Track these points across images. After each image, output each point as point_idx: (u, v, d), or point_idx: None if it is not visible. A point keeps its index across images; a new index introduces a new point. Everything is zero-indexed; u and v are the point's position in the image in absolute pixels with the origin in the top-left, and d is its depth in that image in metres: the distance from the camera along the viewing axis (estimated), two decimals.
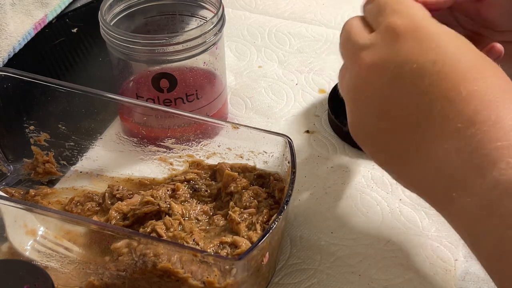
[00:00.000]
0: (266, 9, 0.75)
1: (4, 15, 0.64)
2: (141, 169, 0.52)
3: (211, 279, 0.39)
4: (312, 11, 0.75)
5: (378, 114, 0.40)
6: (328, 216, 0.50)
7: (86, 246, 0.42)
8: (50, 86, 0.50)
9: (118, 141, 0.53)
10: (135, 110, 0.53)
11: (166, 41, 0.50)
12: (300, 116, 0.60)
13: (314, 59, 0.67)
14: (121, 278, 0.41)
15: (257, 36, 0.71)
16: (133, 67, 0.53)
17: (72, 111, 0.51)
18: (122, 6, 0.54)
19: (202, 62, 0.53)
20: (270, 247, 0.41)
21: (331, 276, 0.45)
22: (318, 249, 0.47)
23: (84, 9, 0.74)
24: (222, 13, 0.53)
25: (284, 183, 0.46)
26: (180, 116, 0.49)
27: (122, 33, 0.50)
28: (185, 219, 0.46)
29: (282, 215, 0.40)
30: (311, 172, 0.54)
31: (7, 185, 0.52)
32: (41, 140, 0.52)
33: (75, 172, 0.53)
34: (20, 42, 0.66)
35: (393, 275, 0.45)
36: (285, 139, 0.46)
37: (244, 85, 0.64)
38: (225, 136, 0.49)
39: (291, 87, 0.63)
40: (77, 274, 0.42)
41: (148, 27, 0.56)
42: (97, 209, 0.49)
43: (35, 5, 0.69)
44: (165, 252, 0.39)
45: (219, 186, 0.48)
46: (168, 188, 0.48)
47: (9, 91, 0.50)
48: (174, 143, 0.51)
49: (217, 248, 0.42)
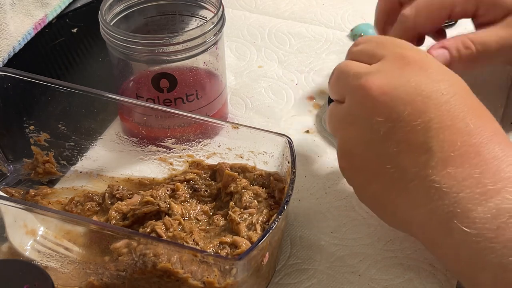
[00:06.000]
0: (266, 9, 0.75)
1: (4, 15, 0.64)
2: (141, 169, 0.52)
3: (211, 279, 0.39)
4: (312, 11, 0.75)
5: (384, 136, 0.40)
6: (328, 216, 0.50)
7: (86, 246, 0.42)
8: (50, 86, 0.50)
9: (118, 141, 0.53)
10: (135, 110, 0.53)
11: (166, 41, 0.50)
12: (300, 116, 0.60)
13: (314, 59, 0.67)
14: (121, 278, 0.41)
15: (257, 36, 0.71)
16: (133, 67, 0.53)
17: (72, 111, 0.51)
18: (122, 6, 0.54)
19: (202, 62, 0.53)
20: (270, 247, 0.41)
21: (331, 276, 0.45)
22: (318, 249, 0.47)
23: (84, 9, 0.74)
24: (222, 13, 0.52)
25: (284, 183, 0.46)
26: (180, 116, 0.49)
27: (122, 33, 0.50)
28: (185, 219, 0.46)
29: (282, 215, 0.40)
30: (311, 172, 0.54)
31: (7, 185, 0.52)
32: (41, 140, 0.52)
33: (75, 172, 0.53)
34: (20, 42, 0.66)
35: (393, 275, 0.45)
36: (285, 139, 0.46)
37: (244, 85, 0.64)
38: (225, 136, 0.49)
39: (291, 87, 0.63)
40: (77, 274, 0.42)
41: (148, 27, 0.56)
42: (97, 209, 0.49)
43: (35, 5, 0.69)
44: (165, 252, 0.39)
45: (219, 186, 0.48)
46: (168, 188, 0.48)
47: (9, 91, 0.50)
48: (174, 143, 0.51)
49: (217, 248, 0.42)
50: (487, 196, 0.36)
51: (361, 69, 0.43)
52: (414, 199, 0.39)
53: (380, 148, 0.40)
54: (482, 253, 0.36)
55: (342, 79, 0.44)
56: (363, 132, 0.41)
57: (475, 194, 0.36)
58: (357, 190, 0.44)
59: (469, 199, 0.36)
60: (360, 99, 0.41)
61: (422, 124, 0.39)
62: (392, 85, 0.40)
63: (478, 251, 0.36)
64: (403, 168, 0.39)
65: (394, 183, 0.40)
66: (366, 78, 0.41)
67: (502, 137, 0.39)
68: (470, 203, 0.36)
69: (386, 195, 0.41)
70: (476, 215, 0.36)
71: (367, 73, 0.42)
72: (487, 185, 0.36)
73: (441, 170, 0.38)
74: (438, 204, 0.37)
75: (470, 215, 0.36)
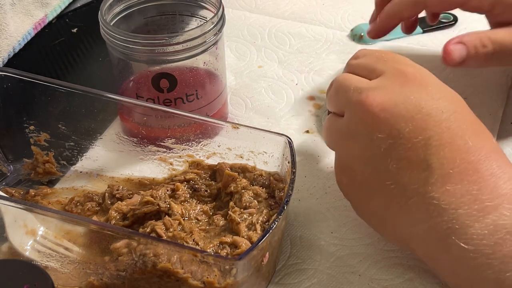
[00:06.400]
0: (266, 9, 0.75)
1: (4, 15, 0.64)
2: (141, 169, 0.52)
3: (211, 279, 0.39)
4: (312, 11, 0.75)
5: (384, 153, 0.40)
6: (328, 216, 0.50)
7: (86, 246, 0.42)
8: (50, 86, 0.50)
9: (118, 141, 0.53)
10: (135, 110, 0.53)
11: (166, 41, 0.50)
12: (300, 116, 0.60)
13: (314, 59, 0.67)
14: (121, 278, 0.41)
15: (257, 36, 0.71)
16: (133, 67, 0.53)
17: (72, 111, 0.51)
18: (122, 6, 0.54)
19: (202, 62, 0.53)
20: (270, 247, 0.41)
21: (331, 276, 0.45)
22: (318, 249, 0.47)
23: (84, 9, 0.74)
24: (222, 13, 0.53)
25: (284, 183, 0.46)
26: (180, 116, 0.49)
27: (122, 33, 0.50)
28: (185, 219, 0.46)
29: (282, 215, 0.40)
30: (311, 172, 0.54)
31: (7, 185, 0.52)
32: (41, 140, 0.52)
33: (75, 172, 0.53)
34: (20, 42, 0.66)
35: (393, 275, 0.45)
36: (285, 139, 0.46)
37: (244, 85, 0.64)
38: (225, 136, 0.49)
39: (291, 87, 0.63)
40: (77, 274, 0.42)
41: (148, 27, 0.56)
42: (97, 209, 0.49)
43: (35, 5, 0.69)
44: (165, 252, 0.39)
45: (219, 186, 0.48)
46: (168, 188, 0.48)
47: (9, 91, 0.50)
48: (174, 143, 0.51)
49: (217, 248, 0.42)
50: (485, 213, 0.37)
51: (362, 84, 0.43)
52: (413, 216, 0.39)
53: (380, 165, 0.40)
54: (480, 269, 0.36)
55: (341, 93, 0.44)
56: (364, 148, 0.41)
57: (472, 210, 0.37)
58: (356, 205, 0.45)
59: (467, 216, 0.37)
60: (361, 115, 0.41)
61: (423, 141, 0.39)
62: (393, 102, 0.40)
63: (476, 267, 0.36)
64: (403, 184, 0.39)
65: (394, 199, 0.40)
66: (367, 94, 0.41)
67: (500, 154, 0.40)
68: (468, 219, 0.37)
69: (386, 211, 0.41)
70: (473, 231, 0.37)
71: (368, 88, 0.42)
72: (485, 201, 0.37)
73: (441, 187, 0.38)
74: (437, 220, 0.38)
75: (467, 231, 0.37)
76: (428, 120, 0.39)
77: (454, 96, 0.42)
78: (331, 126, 0.46)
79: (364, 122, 0.41)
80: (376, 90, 0.41)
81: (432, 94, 0.40)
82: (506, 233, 0.36)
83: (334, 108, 0.46)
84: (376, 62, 0.44)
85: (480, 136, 0.40)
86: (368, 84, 0.42)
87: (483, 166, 0.38)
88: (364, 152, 0.41)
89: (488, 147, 0.39)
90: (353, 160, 0.42)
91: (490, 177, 0.38)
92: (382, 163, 0.40)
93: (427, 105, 0.40)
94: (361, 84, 0.43)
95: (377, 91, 0.41)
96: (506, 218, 0.36)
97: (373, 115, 0.40)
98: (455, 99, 0.41)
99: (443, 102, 0.40)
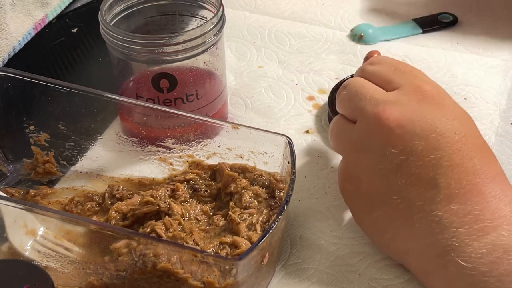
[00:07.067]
0: (266, 9, 0.75)
1: (4, 15, 0.64)
2: (141, 169, 0.52)
3: (211, 279, 0.39)
4: (312, 11, 0.75)
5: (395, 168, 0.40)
6: (328, 215, 0.50)
7: (86, 246, 0.42)
8: (50, 86, 0.50)
9: (118, 141, 0.53)
10: (135, 110, 0.53)
11: (166, 41, 0.50)
12: (300, 116, 0.60)
13: (314, 59, 0.67)
14: (121, 278, 0.41)
15: (257, 36, 0.71)
16: (133, 67, 0.53)
17: (72, 111, 0.51)
18: (122, 6, 0.54)
19: (202, 62, 0.53)
20: (270, 247, 0.41)
21: (331, 275, 0.45)
22: (318, 249, 0.47)
23: (84, 9, 0.74)
24: (222, 13, 0.53)
25: (284, 183, 0.46)
26: (180, 116, 0.49)
27: (122, 33, 0.50)
28: (185, 219, 0.46)
29: (282, 215, 0.40)
30: (311, 172, 0.54)
31: (7, 185, 0.52)
32: (41, 140, 0.52)
33: (75, 172, 0.53)
34: (20, 42, 0.66)
35: (393, 275, 0.45)
36: (285, 139, 0.46)
37: (244, 85, 0.64)
38: (225, 136, 0.49)
39: (291, 87, 0.63)
40: (77, 274, 0.42)
41: (148, 27, 0.56)
42: (97, 209, 0.49)
43: (35, 5, 0.69)
44: (165, 252, 0.39)
45: (219, 186, 0.48)
46: (168, 188, 0.48)
47: (9, 91, 0.50)
48: (174, 143, 0.51)
49: (217, 248, 0.42)
50: (484, 232, 0.37)
51: (378, 96, 0.43)
52: (416, 231, 0.40)
53: (390, 179, 0.41)
54: (476, 287, 0.37)
55: (356, 100, 0.44)
56: (375, 161, 0.42)
57: (473, 230, 0.38)
58: (356, 212, 0.45)
59: (467, 234, 0.38)
60: (376, 127, 0.41)
61: (434, 160, 0.39)
62: (409, 119, 0.40)
63: (472, 284, 0.37)
64: (409, 200, 0.40)
65: (398, 213, 0.41)
66: (384, 107, 0.41)
67: (503, 177, 0.41)
68: (468, 238, 0.38)
69: (388, 224, 0.42)
70: (472, 250, 0.37)
71: (385, 101, 0.42)
72: (485, 221, 0.38)
73: (445, 205, 0.39)
74: (438, 237, 0.39)
75: (466, 250, 0.37)
76: (441, 140, 0.40)
77: (466, 117, 0.43)
78: (340, 130, 0.45)
79: (378, 135, 0.41)
80: (393, 104, 0.41)
81: (447, 115, 0.41)
82: (503, 252, 0.37)
83: (345, 112, 0.45)
84: (393, 73, 0.44)
85: (486, 158, 0.41)
86: (386, 97, 0.42)
87: (487, 188, 0.39)
88: (374, 165, 0.42)
89: (493, 170, 0.40)
90: (361, 170, 0.43)
91: (493, 199, 0.38)
92: (392, 177, 0.41)
93: (441, 126, 0.40)
94: (377, 95, 0.43)
95: (394, 106, 0.41)
96: (504, 238, 0.37)
97: (388, 129, 0.41)
98: (466, 121, 0.42)
99: (457, 123, 0.41)
